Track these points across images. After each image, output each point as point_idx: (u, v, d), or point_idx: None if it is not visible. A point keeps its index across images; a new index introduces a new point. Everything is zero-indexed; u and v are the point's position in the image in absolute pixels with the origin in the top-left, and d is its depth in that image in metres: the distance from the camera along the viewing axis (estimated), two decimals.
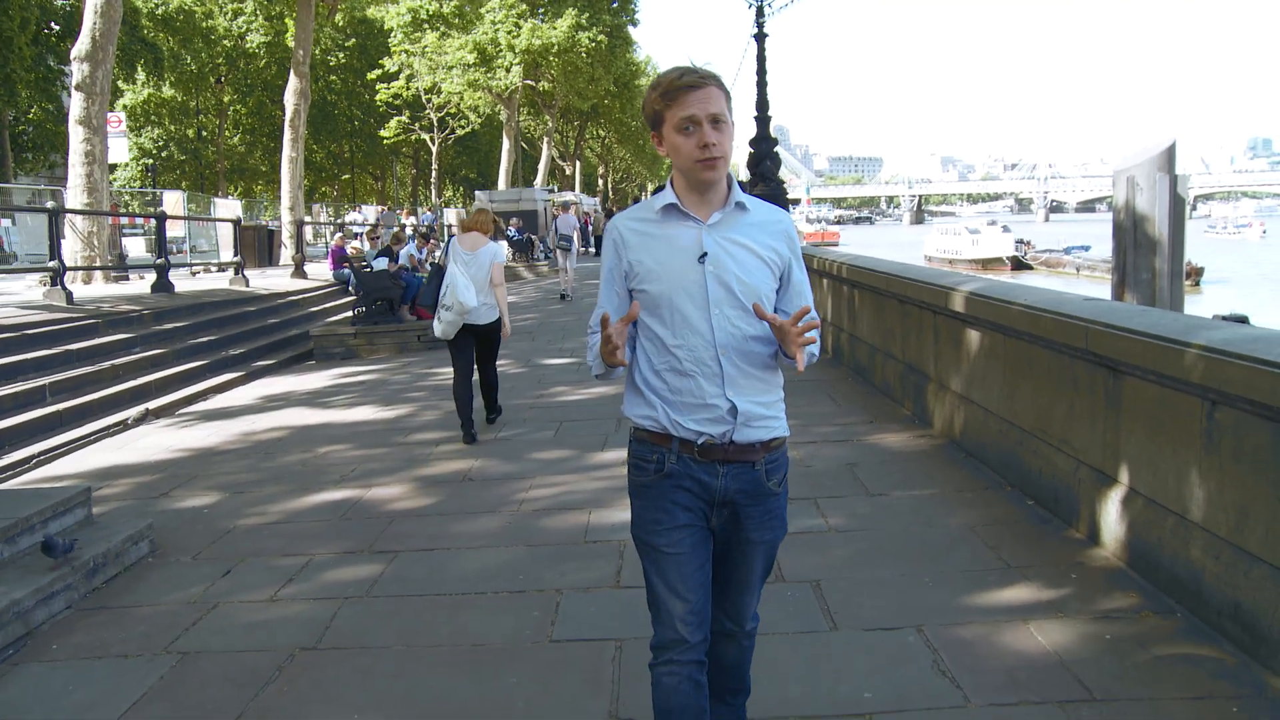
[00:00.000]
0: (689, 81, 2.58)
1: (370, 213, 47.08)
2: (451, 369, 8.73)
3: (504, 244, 11.53)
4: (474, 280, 8.34)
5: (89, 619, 4.91)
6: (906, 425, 8.06)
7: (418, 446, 8.37)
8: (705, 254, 2.63)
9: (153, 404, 10.94)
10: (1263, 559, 3.76)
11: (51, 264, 13.48)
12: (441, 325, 8.40)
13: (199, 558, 5.76)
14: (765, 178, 19.96)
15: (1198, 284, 44.94)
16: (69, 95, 41.96)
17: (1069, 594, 4.52)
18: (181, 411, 11.03)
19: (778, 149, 19.74)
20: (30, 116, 40.27)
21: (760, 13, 19.08)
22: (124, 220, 28.79)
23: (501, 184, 49.55)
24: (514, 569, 5.25)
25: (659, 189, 2.81)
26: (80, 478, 7.70)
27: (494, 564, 5.36)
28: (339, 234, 24.80)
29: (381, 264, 15.99)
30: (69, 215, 17.08)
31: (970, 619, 4.32)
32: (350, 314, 16.67)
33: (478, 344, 8.72)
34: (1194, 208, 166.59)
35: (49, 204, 13.66)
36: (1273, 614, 3.66)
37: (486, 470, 7.44)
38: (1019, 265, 60.39)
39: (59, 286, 13.17)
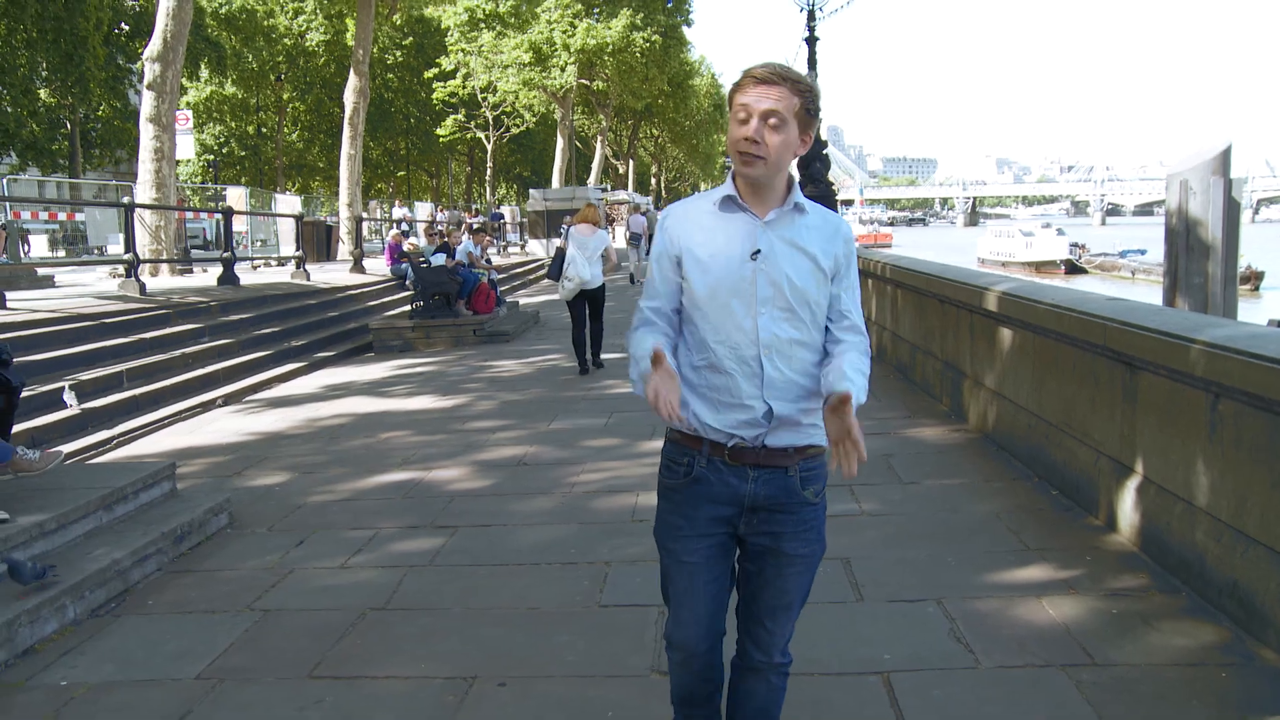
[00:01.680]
0: (759, 74, 2.53)
1: (421, 210, 47.88)
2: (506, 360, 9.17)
3: (607, 231, 13.33)
4: (587, 259, 11.51)
5: (178, 580, 5.38)
6: (943, 420, 8.36)
7: (475, 434, 8.81)
8: (759, 250, 2.58)
9: (221, 391, 11.49)
10: (1259, 540, 4.06)
11: (126, 256, 14.10)
12: (563, 291, 11.77)
13: (273, 529, 6.21)
14: (815, 179, 20.21)
15: (1257, 289, 44.12)
16: (136, 93, 43.09)
17: (1082, 574, 4.83)
18: (248, 398, 11.56)
19: (831, 150, 20.02)
20: (99, 114, 41.31)
21: (811, 16, 19.37)
22: (189, 215, 29.62)
23: (555, 182, 50.13)
24: (566, 544, 5.66)
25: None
26: (158, 457, 8.20)
27: (547, 539, 5.77)
28: (395, 230, 25.38)
29: (439, 259, 16.46)
30: (138, 210, 17.76)
31: (987, 594, 4.66)
32: (408, 308, 17.20)
33: (589, 304, 11.84)
34: (1256, 211, 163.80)
35: (125, 199, 14.24)
36: (1266, 591, 3.97)
37: (541, 456, 7.85)
38: (1073, 269, 59.87)
39: (133, 278, 13.78)
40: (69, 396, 9.15)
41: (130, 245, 14.19)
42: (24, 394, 6.09)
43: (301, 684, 4.07)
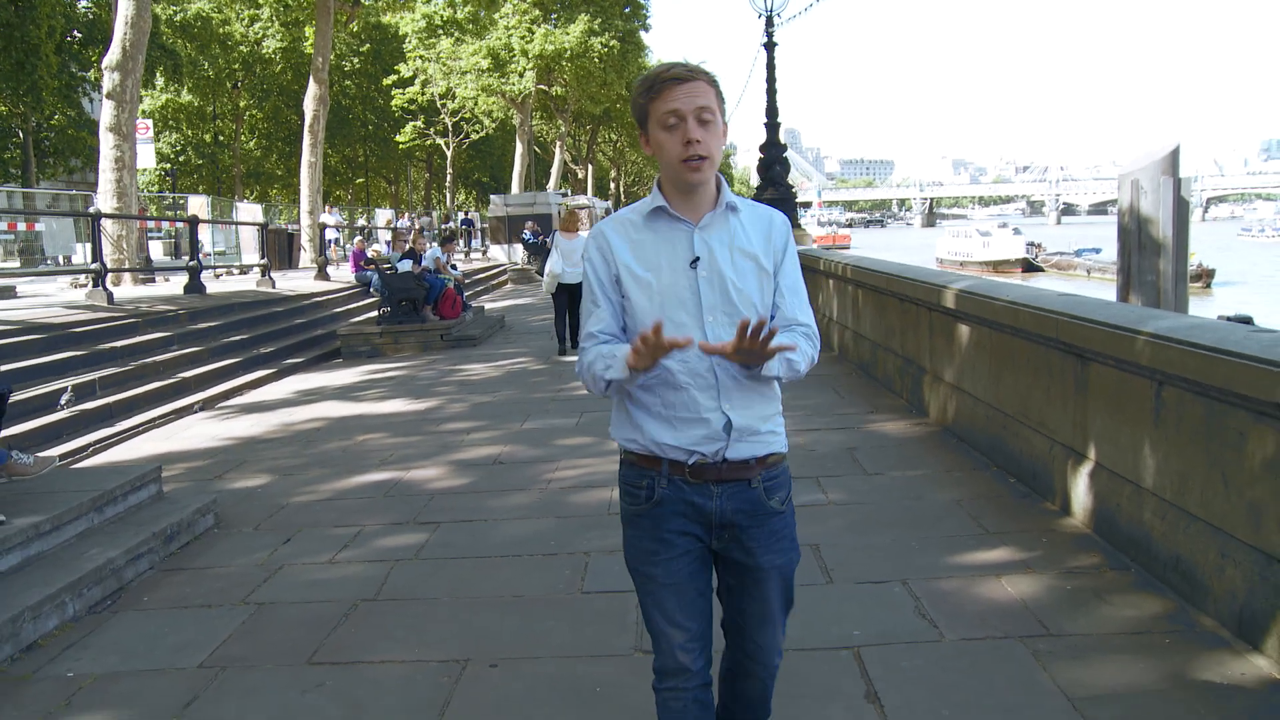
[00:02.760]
0: (675, 74, 2.47)
1: (381, 216, 47.91)
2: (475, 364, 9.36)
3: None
4: (567, 258, 13.47)
5: (171, 577, 5.54)
6: (904, 414, 8.65)
7: (449, 435, 9.00)
8: (697, 258, 2.53)
9: (195, 398, 11.59)
10: (1199, 517, 4.35)
11: (93, 266, 14.16)
12: (545, 284, 14.23)
13: (260, 529, 6.38)
14: (775, 183, 20.52)
15: (1209, 286, 44.87)
16: (90, 101, 42.77)
17: (1039, 555, 5.11)
18: (221, 405, 11.67)
19: (790, 153, 20.33)
20: (53, 122, 40.99)
21: (770, 22, 19.63)
22: (150, 224, 29.52)
23: (515, 188, 50.24)
24: (546, 536, 5.87)
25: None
26: (138, 463, 8.32)
27: (528, 532, 5.98)
28: (359, 237, 25.49)
29: (406, 266, 16.61)
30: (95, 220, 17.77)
31: (950, 574, 4.93)
32: (374, 314, 17.33)
33: (569, 296, 13.52)
34: (1206, 210, 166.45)
35: (91, 209, 14.29)
36: (1205, 564, 4.25)
37: (516, 455, 8.06)
38: (1030, 268, 60.64)
39: (100, 288, 13.83)
40: (65, 399, 9.44)
41: (97, 254, 14.24)
42: None
43: (301, 670, 4.26)
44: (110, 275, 18.01)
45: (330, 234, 28.98)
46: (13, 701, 4.07)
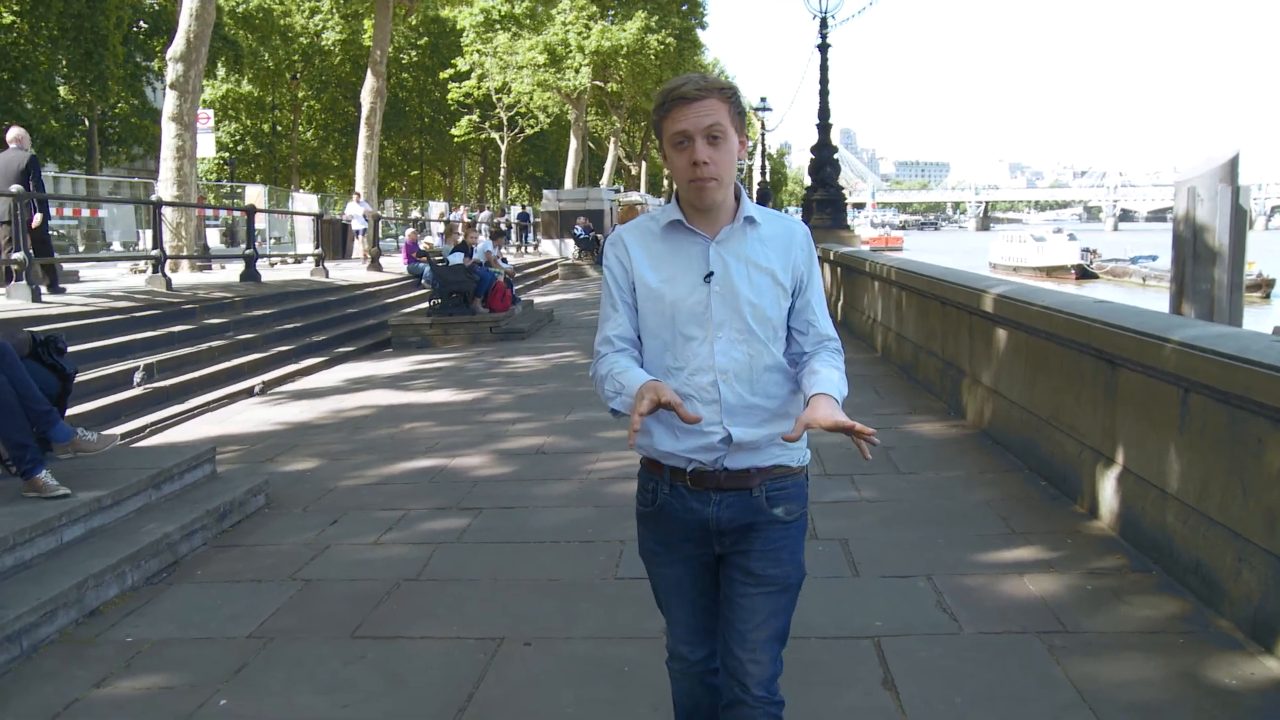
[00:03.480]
0: (684, 93, 2.42)
1: (435, 209, 48.40)
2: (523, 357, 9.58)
3: None
4: None
5: (223, 553, 5.79)
6: (942, 416, 8.75)
7: (495, 425, 9.22)
8: (711, 273, 2.51)
9: (250, 382, 11.92)
10: (1218, 522, 4.44)
11: (154, 253, 14.57)
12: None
13: (308, 510, 6.63)
14: (825, 184, 20.66)
15: (1268, 296, 43.87)
16: (153, 90, 43.54)
17: (1064, 555, 5.22)
18: (273, 391, 11.98)
19: (844, 153, 20.59)
20: (117, 110, 41.85)
21: (824, 24, 19.73)
22: (208, 212, 30.12)
23: (568, 183, 50.60)
24: (584, 524, 6.06)
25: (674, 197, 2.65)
26: (193, 444, 8.62)
27: (567, 520, 6.18)
28: (411, 229, 25.88)
29: (457, 259, 16.89)
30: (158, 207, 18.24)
31: (974, 571, 5.05)
32: (425, 305, 17.63)
33: None
34: (1270, 218, 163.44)
35: (153, 197, 14.70)
36: (1223, 567, 4.35)
37: (559, 445, 8.26)
38: (1084, 274, 59.84)
39: (160, 274, 14.25)
40: (139, 377, 10.13)
41: (157, 241, 14.64)
42: None
43: (345, 643, 4.48)
44: (169, 262, 18.57)
45: (358, 224, 29.04)
46: (79, 661, 4.32)
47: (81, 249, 31.20)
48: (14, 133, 13.10)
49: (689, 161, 2.43)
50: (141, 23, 41.84)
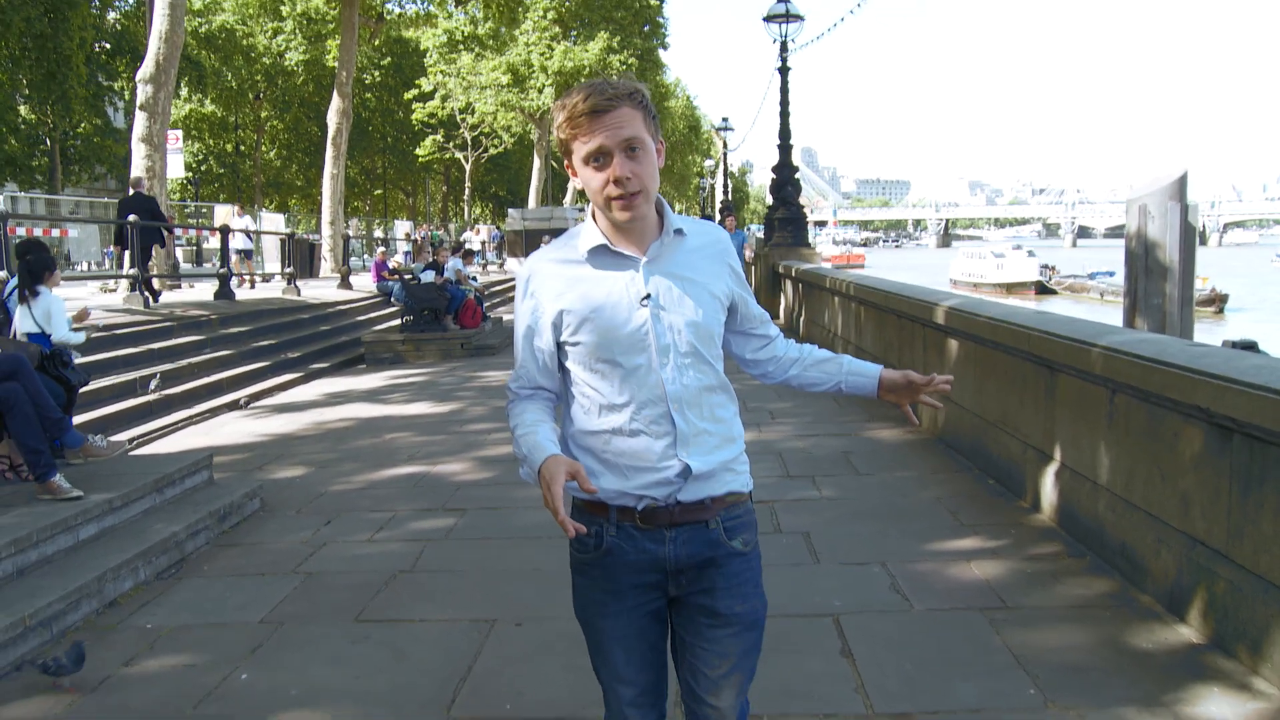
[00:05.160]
0: (594, 105, 2.19)
1: (400, 229, 48.71)
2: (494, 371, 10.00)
3: None
4: None
5: (226, 551, 6.17)
6: (899, 423, 9.22)
7: (472, 434, 9.63)
8: (648, 295, 2.30)
9: (231, 397, 12.25)
10: (1141, 508, 4.94)
11: (131, 271, 14.88)
12: None
13: (301, 512, 7.01)
14: (786, 202, 21.24)
15: (1221, 311, 44.56)
16: (116, 110, 43.51)
17: (1007, 544, 5.70)
18: (254, 405, 12.31)
19: (806, 171, 21.24)
20: (79, 130, 41.89)
21: (784, 48, 20.30)
22: (176, 232, 30.27)
23: (531, 202, 51.04)
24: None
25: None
26: (189, 452, 8.97)
27: (545, 518, 6.46)
28: (381, 249, 26.23)
29: (428, 276, 17.27)
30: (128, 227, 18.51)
31: (925, 559, 5.53)
32: (396, 323, 18.00)
33: None
34: (1224, 234, 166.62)
35: (131, 217, 15.00)
36: (1144, 548, 4.84)
37: None
38: (1043, 290, 60.77)
39: (137, 292, 14.56)
40: (154, 384, 10.95)
41: (135, 261, 14.95)
42: None
43: (350, 626, 4.88)
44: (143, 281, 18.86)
45: (239, 243, 26.46)
46: (104, 644, 4.69)
47: None
48: None
49: (608, 179, 2.23)
50: (104, 43, 41.96)
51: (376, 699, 4.12)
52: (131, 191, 18.00)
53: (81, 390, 7.79)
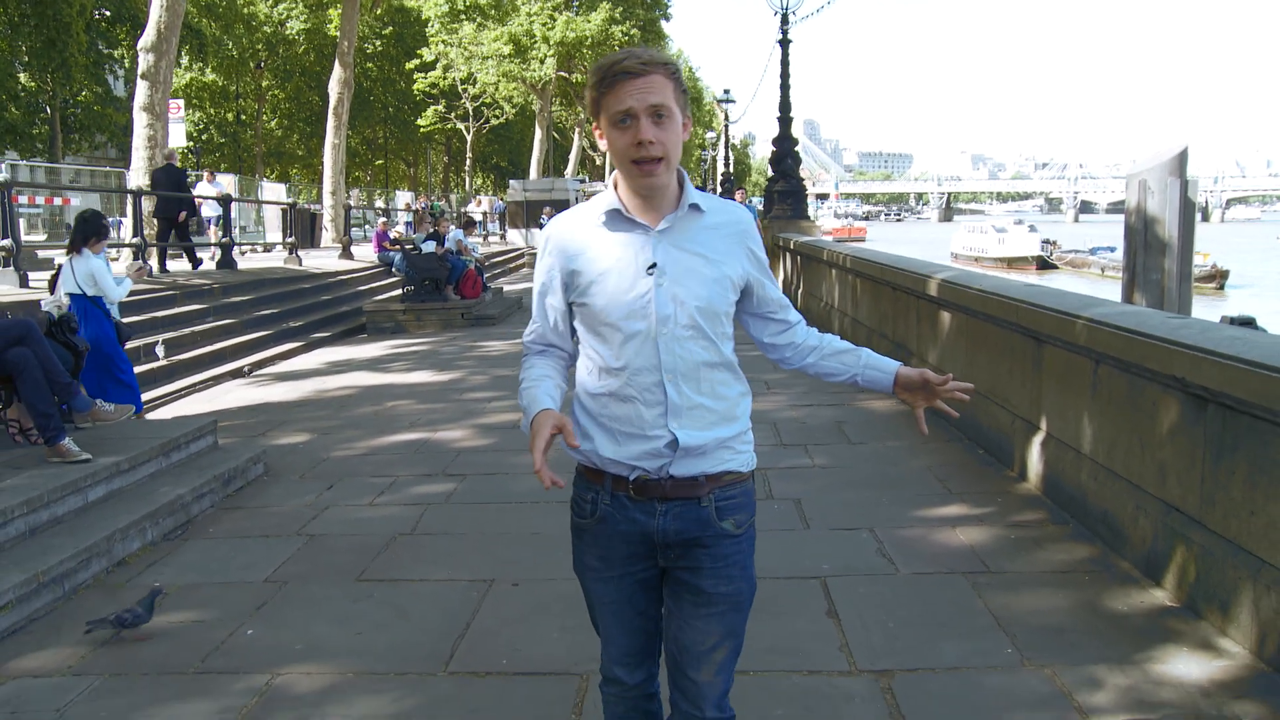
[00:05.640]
0: (628, 67, 2.25)
1: (401, 199, 48.72)
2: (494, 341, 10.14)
3: None
4: None
5: (231, 514, 6.32)
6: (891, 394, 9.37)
7: (472, 403, 9.78)
8: (654, 264, 2.33)
9: (233, 365, 12.40)
10: (1122, 476, 5.08)
11: (134, 240, 15.00)
12: None
13: (304, 477, 7.16)
14: (786, 175, 21.32)
15: (1221, 287, 44.42)
16: (117, 78, 43.41)
17: (992, 511, 5.85)
18: (257, 373, 12.46)
19: (808, 144, 21.28)
20: (79, 98, 41.83)
21: (785, 20, 20.31)
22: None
23: (533, 173, 51.03)
24: (561, 488, 6.61)
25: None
26: (195, 417, 9.11)
27: None
28: (382, 219, 26.31)
29: (430, 247, 17.39)
30: (128, 196, 18.58)
31: (912, 525, 5.67)
32: (397, 293, 18.12)
33: None
34: (1226, 209, 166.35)
35: (134, 185, 15.11)
36: (1125, 515, 4.99)
37: None
38: (1044, 265, 60.62)
39: (139, 261, 14.66)
40: (160, 349, 11.04)
41: (138, 229, 15.07)
42: None
43: (352, 585, 5.04)
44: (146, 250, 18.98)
45: (209, 210, 24.99)
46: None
47: (44, 237, 31.29)
48: None
49: (632, 141, 2.27)
50: (104, 10, 41.83)
51: (378, 654, 4.26)
52: (164, 164, 18.19)
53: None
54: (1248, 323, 11.38)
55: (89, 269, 8.35)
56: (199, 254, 17.86)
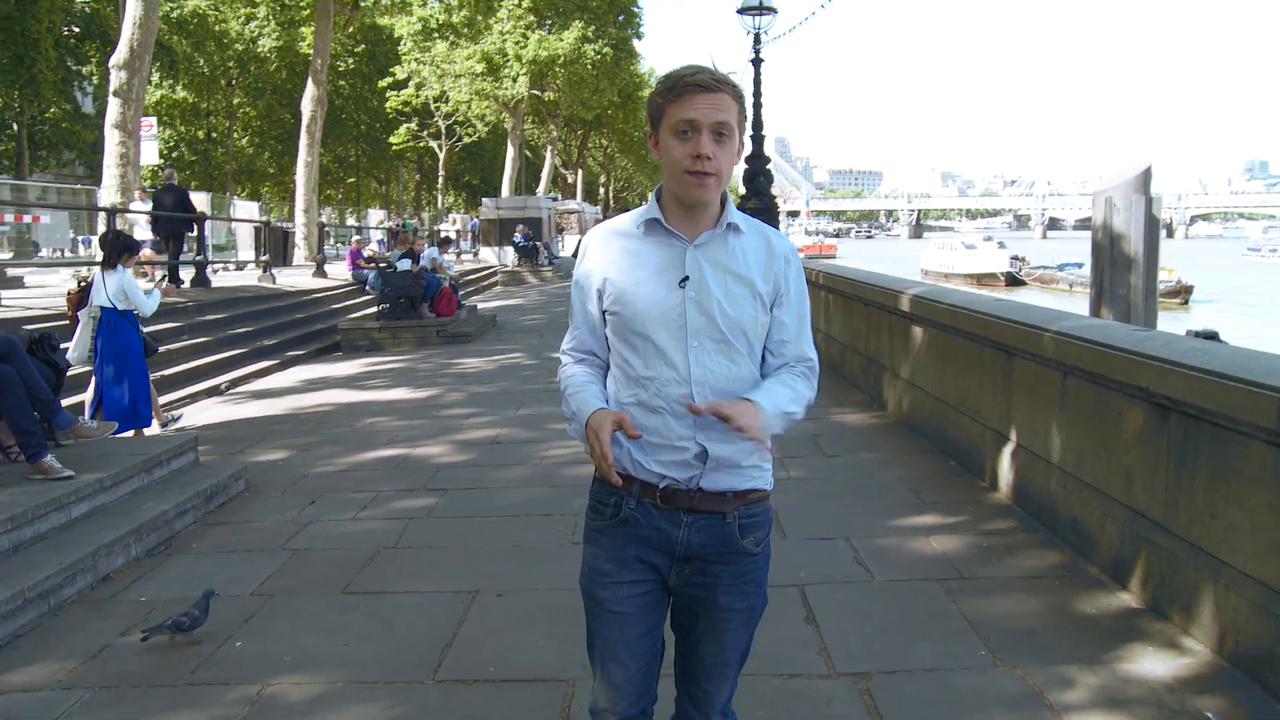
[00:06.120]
0: (700, 80, 2.29)
1: (374, 216, 48.68)
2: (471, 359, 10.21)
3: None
4: None
5: (214, 530, 6.37)
6: (866, 408, 9.52)
7: (450, 419, 9.84)
8: (687, 277, 2.37)
9: (209, 383, 12.41)
10: (1089, 484, 5.22)
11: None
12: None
13: (286, 493, 7.21)
14: (759, 193, 21.47)
15: (1186, 303, 45.02)
16: (85, 95, 43.16)
17: (965, 520, 5.99)
18: (233, 391, 12.47)
19: (779, 161, 21.44)
20: (47, 115, 41.61)
21: (757, 40, 20.50)
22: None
23: (505, 191, 51.05)
24: (541, 501, 6.72)
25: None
26: (174, 435, 9.13)
27: (525, 498, 6.83)
28: (356, 237, 26.33)
29: (405, 264, 17.44)
30: (96, 213, 18.61)
31: (887, 534, 5.80)
32: (372, 310, 18.16)
33: None
34: (1190, 225, 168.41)
35: (109, 203, 15.11)
36: (1093, 522, 5.13)
37: (512, 436, 8.91)
38: (1013, 281, 61.10)
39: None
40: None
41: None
42: None
43: (337, 597, 5.11)
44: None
45: (140, 232, 23.69)
46: (101, 616, 4.90)
47: (11, 255, 31.13)
48: None
49: (691, 152, 2.31)
50: (74, 26, 41.68)
51: (365, 664, 4.34)
52: (163, 185, 18.84)
53: (68, 375, 8.17)
54: (1211, 336, 11.57)
55: (120, 284, 8.83)
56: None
